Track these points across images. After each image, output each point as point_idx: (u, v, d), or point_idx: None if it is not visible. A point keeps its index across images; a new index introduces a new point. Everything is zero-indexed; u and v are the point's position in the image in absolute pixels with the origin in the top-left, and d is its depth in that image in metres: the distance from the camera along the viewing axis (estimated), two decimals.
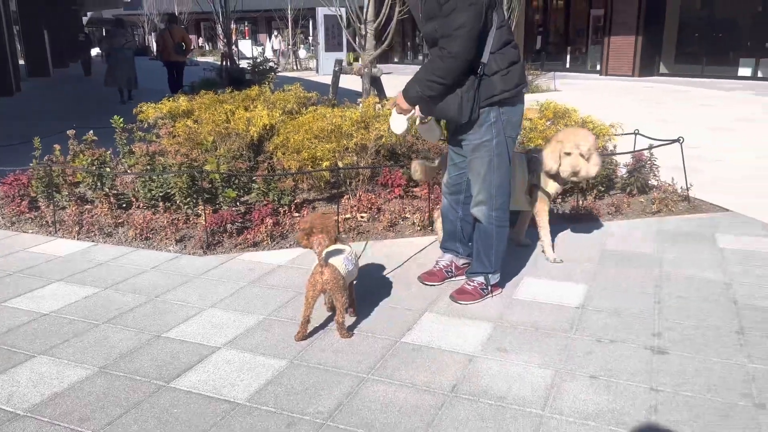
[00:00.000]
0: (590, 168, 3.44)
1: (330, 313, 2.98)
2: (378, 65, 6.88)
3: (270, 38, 31.10)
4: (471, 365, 2.51)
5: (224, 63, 15.33)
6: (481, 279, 3.14)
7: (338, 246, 2.82)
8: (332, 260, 2.70)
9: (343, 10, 7.41)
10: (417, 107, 2.95)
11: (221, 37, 15.88)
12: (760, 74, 16.11)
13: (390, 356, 2.59)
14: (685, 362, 2.51)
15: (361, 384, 2.38)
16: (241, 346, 2.70)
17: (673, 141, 4.99)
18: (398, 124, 3.01)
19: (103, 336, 2.82)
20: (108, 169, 4.90)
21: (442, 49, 2.67)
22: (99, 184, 4.85)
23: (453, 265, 3.40)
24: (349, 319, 2.92)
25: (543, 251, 3.71)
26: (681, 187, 4.99)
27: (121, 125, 5.68)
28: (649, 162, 5.16)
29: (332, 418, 2.17)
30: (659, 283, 3.32)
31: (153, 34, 41.68)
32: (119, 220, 4.47)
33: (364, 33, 6.64)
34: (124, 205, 4.82)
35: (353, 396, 2.30)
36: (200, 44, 44.03)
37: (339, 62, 6.79)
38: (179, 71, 13.22)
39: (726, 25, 17.21)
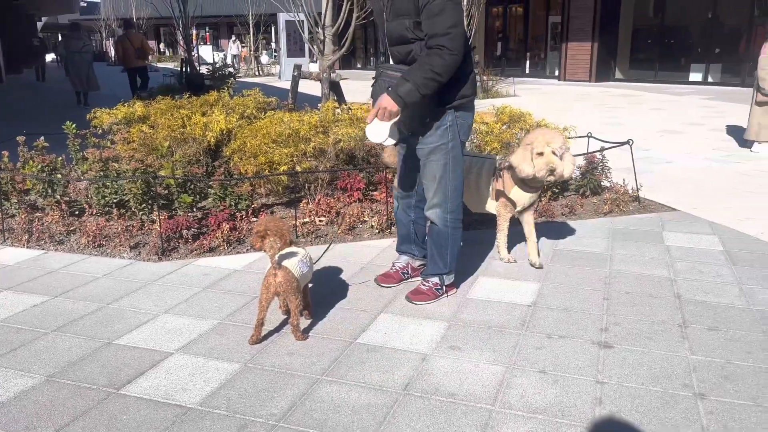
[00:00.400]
0: (566, 166, 3.36)
1: (285, 317, 2.98)
2: (338, 70, 6.90)
3: (235, 43, 30.47)
4: (424, 364, 2.54)
5: (184, 69, 15.17)
6: (435, 280, 3.17)
7: (292, 249, 2.83)
8: (286, 263, 2.71)
9: (302, 15, 7.41)
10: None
11: (181, 42, 15.76)
12: (710, 79, 16.66)
13: (344, 357, 2.61)
14: (629, 355, 2.59)
15: (314, 385, 2.39)
16: (194, 351, 2.68)
17: (623, 143, 5.14)
18: (380, 131, 2.78)
19: (52, 344, 2.76)
20: (59, 176, 4.80)
21: (442, 48, 2.66)
22: (50, 191, 4.75)
23: (409, 266, 3.43)
24: (305, 322, 2.93)
25: (498, 251, 3.77)
26: (632, 188, 5.13)
27: (74, 131, 5.58)
28: (601, 164, 5.30)
29: (285, 420, 2.17)
30: (608, 281, 3.42)
31: (111, 39, 40.92)
32: (71, 228, 4.38)
33: (322, 38, 6.65)
34: (77, 213, 4.73)
35: (306, 397, 2.31)
36: (161, 50, 43.34)
37: (298, 67, 6.79)
38: (143, 75, 13.36)
39: (677, 32, 17.77)
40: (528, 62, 22.01)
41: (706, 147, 7.55)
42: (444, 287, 3.19)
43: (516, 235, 3.84)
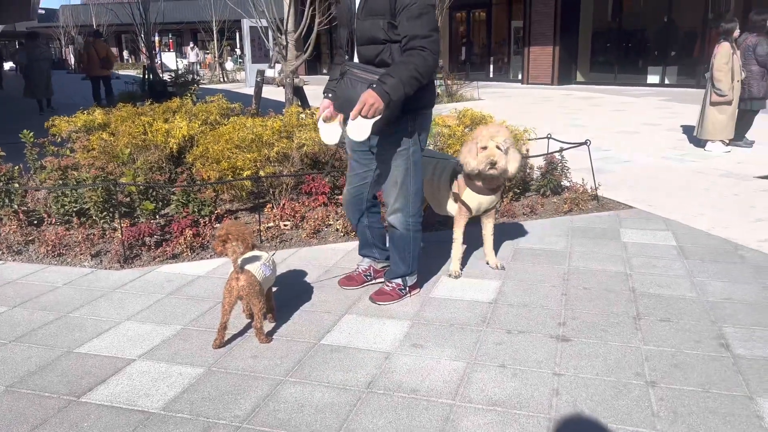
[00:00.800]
0: (510, 162, 3.31)
1: (249, 320, 2.99)
2: (302, 75, 6.92)
3: (194, 50, 29.80)
4: (387, 362, 2.58)
5: (146, 76, 15.01)
6: (398, 281, 3.22)
7: (255, 253, 2.84)
8: (248, 267, 2.72)
9: (264, 21, 7.41)
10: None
11: (143, 49, 15.63)
12: (666, 81, 17.12)
13: (308, 358, 2.63)
14: (586, 348, 2.67)
15: (278, 386, 2.41)
16: (157, 357, 2.67)
17: (581, 144, 5.27)
18: (364, 129, 2.69)
19: (9, 355, 2.72)
20: (17, 185, 4.71)
21: (424, 49, 2.68)
22: (7, 200, 4.66)
23: (371, 269, 3.45)
24: (269, 325, 2.94)
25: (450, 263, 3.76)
26: (590, 187, 5.27)
27: (32, 140, 5.49)
28: (560, 164, 5.42)
29: (248, 421, 2.19)
30: (567, 277, 3.51)
31: (70, 47, 40.12)
32: (30, 238, 4.31)
33: (285, 43, 6.67)
34: (35, 222, 4.65)
35: (270, 398, 2.33)
36: (125, 57, 42.60)
37: (261, 73, 6.79)
38: (107, 84, 13.74)
39: (635, 36, 18.22)
40: (492, 66, 22.30)
41: (662, 147, 7.78)
42: (407, 288, 3.24)
43: (477, 237, 3.91)
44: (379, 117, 2.68)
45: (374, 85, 2.66)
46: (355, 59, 2.94)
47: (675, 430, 2.09)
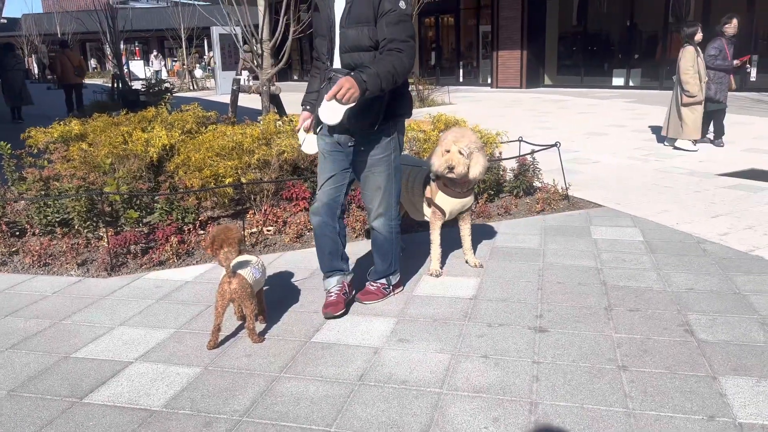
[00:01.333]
0: (472, 166, 3.39)
1: (241, 323, 3.10)
2: (276, 83, 7.02)
3: (158, 59, 29.20)
4: (376, 356, 2.72)
5: (115, 85, 14.92)
6: (383, 280, 3.36)
7: (245, 257, 2.96)
8: (240, 271, 2.83)
9: (238, 29, 7.50)
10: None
11: (110, 57, 15.62)
12: (631, 83, 17.62)
13: (300, 355, 2.76)
14: (562, 338, 2.85)
15: (273, 382, 2.53)
16: (153, 358, 2.77)
17: (551, 146, 5.49)
18: (334, 113, 2.69)
19: (8, 361, 2.79)
20: (8, 196, 4.73)
21: (401, 50, 2.80)
22: None
23: (345, 285, 3.27)
24: (260, 326, 3.05)
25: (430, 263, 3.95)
26: (561, 188, 5.48)
27: (9, 152, 5.49)
28: (532, 166, 5.63)
29: (248, 414, 2.30)
30: (542, 273, 3.69)
31: (33, 56, 39.41)
32: (13, 249, 4.34)
33: (260, 52, 6.77)
34: (17, 233, 4.68)
35: (267, 393, 2.45)
36: (92, 66, 41.91)
37: (237, 81, 6.89)
38: (78, 92, 14.37)
39: (600, 39, 18.70)
40: (461, 71, 22.62)
41: (628, 147, 8.07)
42: (391, 286, 3.39)
43: (455, 237, 4.07)
44: (352, 105, 2.68)
45: (352, 73, 2.71)
46: (335, 66, 2.95)
47: (645, 408, 2.27)
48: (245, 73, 13.14)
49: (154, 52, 29.67)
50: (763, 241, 4.11)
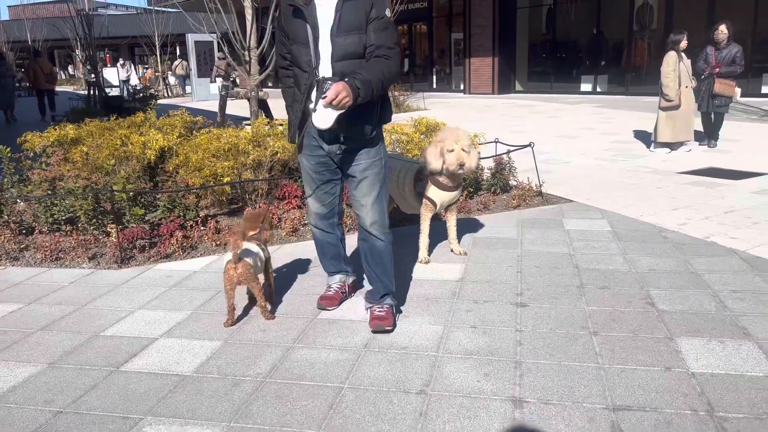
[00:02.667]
0: (472, 160, 3.78)
1: (250, 307, 3.40)
2: (264, 89, 7.33)
3: (124, 67, 28.22)
4: None
5: (92, 91, 15.02)
6: (389, 301, 3.13)
7: (250, 245, 3.24)
8: (244, 258, 3.13)
9: (214, 35, 7.80)
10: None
11: (80, 65, 16.20)
12: (598, 89, 18.30)
13: (310, 329, 3.08)
14: (540, 311, 3.22)
15: (289, 351, 2.86)
16: (176, 335, 3.07)
17: (526, 146, 5.91)
18: (327, 118, 2.71)
19: (41, 340, 3.06)
20: (7, 196, 4.96)
21: (390, 57, 2.80)
22: None
23: (346, 285, 3.44)
24: (268, 307, 3.37)
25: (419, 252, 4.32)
26: (535, 185, 5.89)
27: (9, 155, 5.71)
28: (508, 165, 6.04)
29: (270, 376, 2.63)
30: (520, 259, 4.07)
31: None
32: (22, 246, 4.57)
33: (248, 59, 7.08)
34: (24, 232, 4.90)
35: (284, 359, 2.77)
36: (72, 73, 41.35)
37: (226, 87, 7.17)
38: (51, 97, 15.94)
39: (568, 47, 19.38)
40: (435, 77, 23.14)
41: (597, 149, 8.55)
42: (394, 307, 3.16)
43: (440, 231, 4.43)
44: (343, 111, 2.68)
45: (347, 79, 2.68)
46: (322, 74, 2.83)
47: (612, 362, 2.65)
48: (219, 80, 13.34)
49: (121, 61, 28.93)
50: (717, 230, 4.56)
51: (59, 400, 2.49)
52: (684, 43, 7.91)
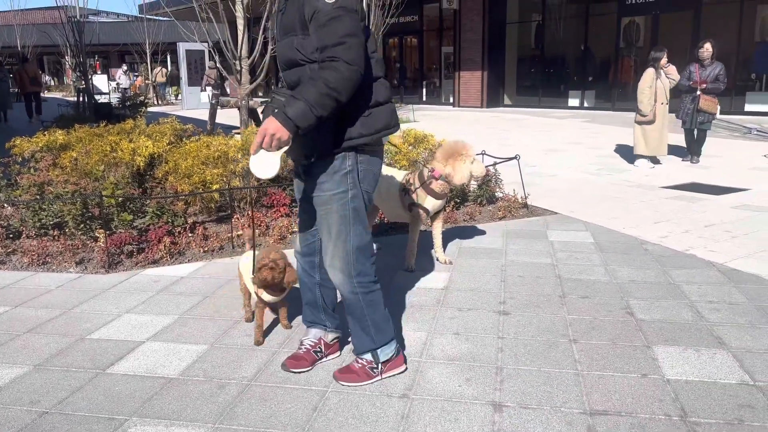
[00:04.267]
0: (480, 169, 4.03)
1: (235, 313, 3.44)
2: (254, 98, 7.40)
3: (126, 74, 28.31)
4: None
5: (81, 98, 15.00)
6: (368, 357, 2.63)
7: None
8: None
9: (204, 45, 7.86)
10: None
11: (69, 71, 16.61)
12: (585, 104, 18.53)
13: (295, 334, 3.12)
14: (522, 319, 3.29)
15: (274, 355, 2.89)
16: (163, 338, 3.10)
17: (512, 158, 6.00)
18: (269, 164, 2.24)
19: (28, 343, 3.07)
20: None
21: (335, 59, 2.20)
22: None
23: (321, 342, 2.84)
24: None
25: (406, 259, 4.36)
26: (521, 197, 5.98)
27: None
28: (494, 177, 6.13)
29: (255, 379, 2.66)
30: (504, 268, 4.14)
31: None
32: (9, 249, 4.58)
33: (239, 68, 7.14)
34: (11, 236, 4.91)
35: (269, 363, 2.81)
36: (48, 80, 41.17)
37: (216, 96, 7.22)
38: (37, 98, 17.25)
39: (556, 62, 19.64)
40: (424, 90, 23.31)
41: (583, 162, 8.68)
42: (379, 365, 2.63)
43: (427, 240, 4.50)
44: (286, 148, 2.25)
45: (275, 110, 2.23)
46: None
47: (591, 369, 2.72)
48: (209, 89, 13.39)
49: (124, 67, 28.38)
50: (697, 243, 4.66)
51: (45, 401, 2.51)
52: (664, 60, 8.09)
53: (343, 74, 2.20)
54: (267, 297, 2.94)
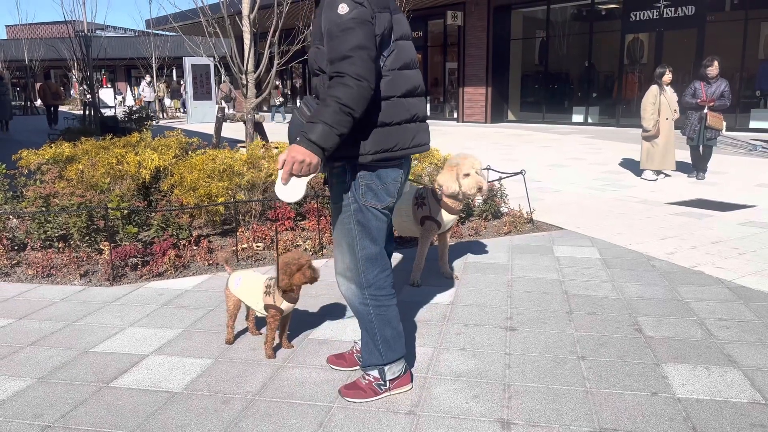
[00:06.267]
0: (469, 184, 3.86)
1: (240, 328, 3.41)
2: (260, 112, 7.42)
3: (150, 85, 27.43)
4: None
5: (87, 112, 15.09)
6: (375, 373, 2.59)
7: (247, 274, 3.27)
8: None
9: (210, 59, 7.91)
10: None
11: (76, 85, 16.52)
12: (589, 120, 18.56)
13: (300, 349, 3.10)
14: (530, 335, 3.25)
15: (279, 370, 2.87)
16: (167, 352, 3.07)
17: (517, 173, 5.99)
18: (298, 188, 2.26)
19: (31, 355, 3.05)
20: (6, 208, 4.97)
21: (342, 75, 2.17)
22: None
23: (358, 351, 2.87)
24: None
25: (412, 273, 4.34)
26: (526, 212, 5.96)
27: (3, 171, 5.75)
28: (499, 192, 6.11)
29: (260, 394, 2.63)
30: (510, 284, 4.11)
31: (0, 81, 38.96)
32: (14, 262, 4.57)
33: (245, 82, 7.17)
34: (16, 248, 4.90)
35: (274, 378, 2.78)
36: (68, 93, 41.30)
37: (222, 109, 7.25)
38: (56, 109, 20.89)
39: (560, 79, 19.71)
40: (429, 105, 23.40)
41: (587, 178, 8.66)
42: (387, 382, 2.59)
43: (433, 255, 4.48)
44: (314, 174, 2.25)
45: (298, 138, 2.22)
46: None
47: (600, 387, 2.68)
48: (223, 102, 13.46)
49: (147, 78, 26.19)
50: (704, 259, 4.62)
51: (48, 414, 2.49)
52: (667, 77, 8.15)
53: (353, 90, 2.17)
54: (286, 306, 2.93)
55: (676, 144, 8.36)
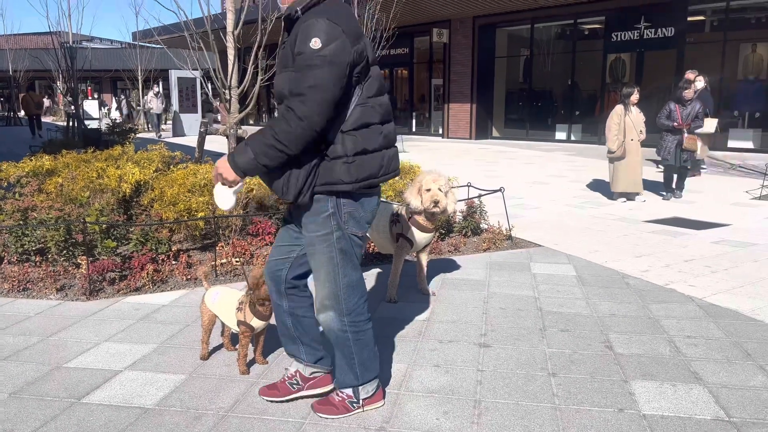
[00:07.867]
0: (449, 202, 3.88)
1: (217, 343, 3.42)
2: (243, 127, 7.46)
3: (158, 96, 25.99)
4: None
5: (71, 123, 15.02)
6: (349, 391, 2.62)
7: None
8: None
9: (197, 73, 7.94)
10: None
11: (60, 97, 16.31)
12: (572, 137, 18.79)
13: (274, 365, 3.11)
14: (502, 351, 3.30)
15: (252, 386, 2.88)
16: (141, 368, 3.08)
17: (496, 191, 6.07)
18: (225, 198, 2.38)
19: (3, 370, 3.04)
20: None
21: (289, 110, 2.21)
22: None
23: (298, 375, 2.75)
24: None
25: (388, 290, 4.38)
26: (505, 229, 6.03)
27: None
28: (479, 209, 6.18)
29: (233, 410, 2.65)
30: (486, 300, 4.16)
31: None
32: None
33: (228, 98, 7.21)
34: None
35: (247, 394, 2.79)
36: (61, 105, 40.86)
37: (204, 123, 7.28)
38: (38, 120, 21.65)
39: (544, 96, 19.97)
40: (414, 121, 23.56)
41: (567, 195, 8.77)
42: (360, 401, 2.63)
43: (411, 270, 4.52)
44: (239, 187, 2.36)
45: (230, 153, 2.33)
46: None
47: (569, 403, 2.73)
48: (210, 115, 13.39)
49: (155, 89, 23.50)
50: (677, 277, 4.71)
51: (18, 430, 2.48)
52: (635, 97, 8.25)
53: (292, 129, 2.20)
54: (257, 323, 2.94)
55: (644, 163, 8.45)
